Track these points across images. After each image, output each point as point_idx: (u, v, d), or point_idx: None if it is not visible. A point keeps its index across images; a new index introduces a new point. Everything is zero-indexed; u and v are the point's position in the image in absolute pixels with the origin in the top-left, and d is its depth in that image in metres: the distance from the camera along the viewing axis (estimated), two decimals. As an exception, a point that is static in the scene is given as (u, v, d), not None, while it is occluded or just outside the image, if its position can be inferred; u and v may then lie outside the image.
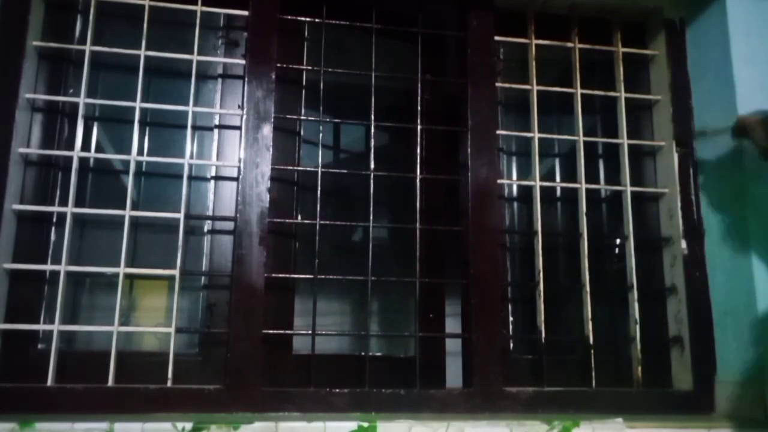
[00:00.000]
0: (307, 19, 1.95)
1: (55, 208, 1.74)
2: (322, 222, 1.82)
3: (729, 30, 1.86)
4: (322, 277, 1.81)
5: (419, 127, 1.94)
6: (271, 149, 1.78)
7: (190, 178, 1.84)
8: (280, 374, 1.78)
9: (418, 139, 1.92)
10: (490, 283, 1.82)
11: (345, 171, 2.05)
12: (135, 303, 1.83)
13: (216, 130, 1.91)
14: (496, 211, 1.89)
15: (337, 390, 1.68)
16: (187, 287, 1.81)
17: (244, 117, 1.80)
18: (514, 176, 2.11)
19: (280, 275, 1.81)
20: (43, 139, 1.79)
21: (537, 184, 1.96)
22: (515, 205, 2.10)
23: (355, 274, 1.86)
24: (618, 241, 2.06)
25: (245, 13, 1.88)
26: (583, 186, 1.97)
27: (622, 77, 2.06)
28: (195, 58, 1.83)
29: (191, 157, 1.84)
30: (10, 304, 1.67)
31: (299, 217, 1.94)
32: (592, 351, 1.87)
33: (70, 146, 1.76)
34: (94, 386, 1.59)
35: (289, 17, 1.92)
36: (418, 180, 1.90)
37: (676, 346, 1.94)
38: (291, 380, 1.75)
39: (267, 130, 1.79)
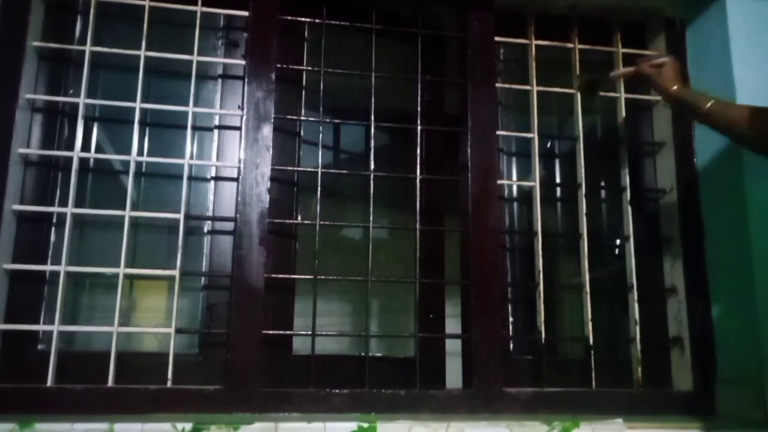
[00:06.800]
0: (307, 19, 1.95)
1: (55, 209, 1.74)
2: (322, 222, 1.82)
3: (729, 30, 1.86)
4: (322, 277, 1.81)
5: (419, 128, 1.94)
6: (271, 150, 1.78)
7: (190, 178, 1.84)
8: (280, 375, 1.78)
9: (418, 140, 1.92)
10: (490, 283, 1.82)
11: (345, 171, 2.05)
12: (135, 303, 1.83)
13: (216, 131, 1.91)
14: (496, 211, 1.88)
15: (337, 390, 1.68)
16: (186, 288, 1.81)
17: (244, 117, 1.80)
18: (514, 176, 2.12)
19: (280, 275, 1.81)
20: (43, 140, 1.79)
21: (537, 184, 1.96)
22: (515, 205, 2.11)
23: (355, 274, 1.87)
24: (618, 241, 2.06)
25: (245, 13, 1.88)
26: (582, 186, 1.97)
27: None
28: (195, 58, 1.83)
29: (191, 157, 1.84)
30: (10, 304, 1.67)
31: (299, 218, 1.94)
32: (592, 351, 1.87)
33: (70, 146, 1.76)
34: (94, 386, 1.59)
35: (289, 17, 1.92)
36: (418, 180, 1.90)
37: (676, 346, 1.94)
38: (291, 381, 1.75)
39: (267, 130, 1.79)
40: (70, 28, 1.86)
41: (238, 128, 1.83)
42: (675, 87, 1.58)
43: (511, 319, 1.96)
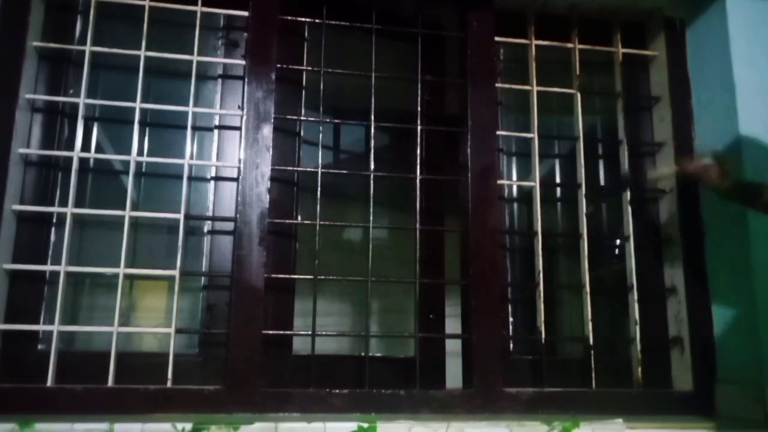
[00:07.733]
0: (307, 19, 1.95)
1: (55, 209, 1.74)
2: (322, 222, 1.82)
3: (729, 30, 1.86)
4: (322, 277, 1.81)
5: (419, 128, 1.94)
6: (271, 150, 1.78)
7: (190, 178, 1.84)
8: (280, 375, 1.78)
9: (418, 140, 1.92)
10: (490, 283, 1.82)
11: (345, 171, 2.05)
12: (135, 303, 1.83)
13: (216, 131, 1.90)
14: (496, 211, 1.88)
15: (337, 390, 1.68)
16: (187, 288, 1.81)
17: (244, 117, 1.80)
18: (514, 177, 2.12)
19: (280, 275, 1.81)
20: (43, 140, 1.79)
21: (537, 184, 1.96)
22: (515, 205, 2.11)
23: (355, 274, 1.87)
24: (618, 241, 2.06)
25: (245, 13, 1.88)
26: (583, 186, 1.97)
27: (622, 77, 2.06)
28: (195, 58, 1.83)
29: (191, 157, 1.84)
30: (10, 304, 1.67)
31: (299, 218, 1.94)
32: (592, 351, 1.87)
33: (70, 146, 1.76)
34: (94, 386, 1.60)
35: (289, 17, 1.92)
36: (418, 180, 1.90)
37: (676, 346, 1.94)
38: (291, 381, 1.75)
39: (267, 130, 1.79)
40: (70, 28, 1.86)
41: (238, 128, 1.83)
42: (727, 184, 1.64)
43: (511, 319, 1.96)
